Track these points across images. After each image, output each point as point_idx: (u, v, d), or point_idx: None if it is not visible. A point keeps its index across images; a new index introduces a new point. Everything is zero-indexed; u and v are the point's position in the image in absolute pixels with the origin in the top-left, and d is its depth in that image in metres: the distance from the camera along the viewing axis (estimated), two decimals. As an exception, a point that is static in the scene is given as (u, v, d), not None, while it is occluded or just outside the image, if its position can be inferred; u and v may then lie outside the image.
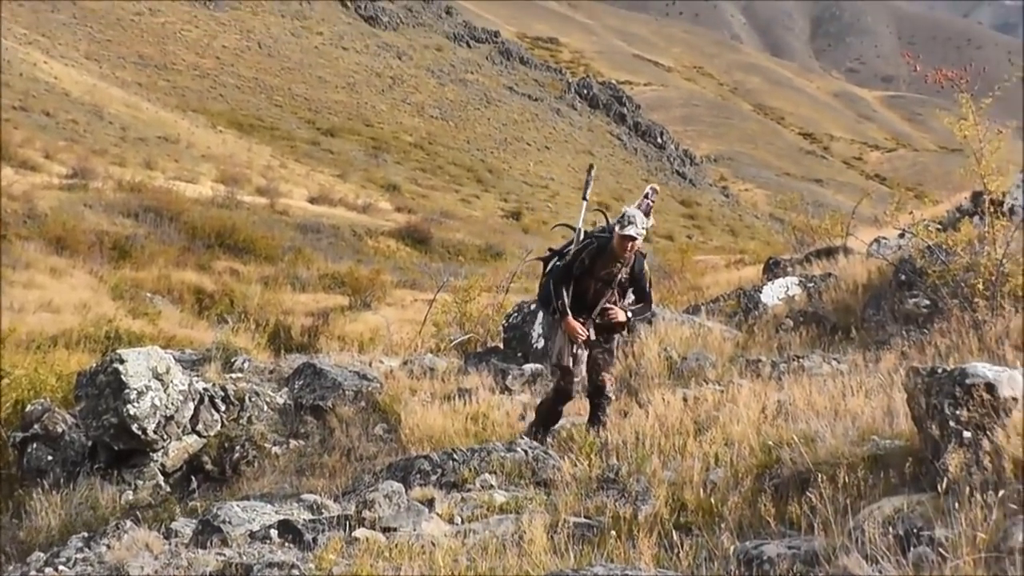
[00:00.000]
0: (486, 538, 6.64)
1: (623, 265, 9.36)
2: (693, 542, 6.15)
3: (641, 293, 9.65)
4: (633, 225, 9.07)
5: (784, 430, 7.58)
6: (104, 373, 10.19)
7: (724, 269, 31.57)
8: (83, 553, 7.28)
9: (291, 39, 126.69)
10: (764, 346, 12.77)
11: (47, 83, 70.89)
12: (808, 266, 17.23)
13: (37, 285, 25.24)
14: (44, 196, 35.58)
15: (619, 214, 9.40)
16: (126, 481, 9.81)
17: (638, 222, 9.10)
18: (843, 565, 5.05)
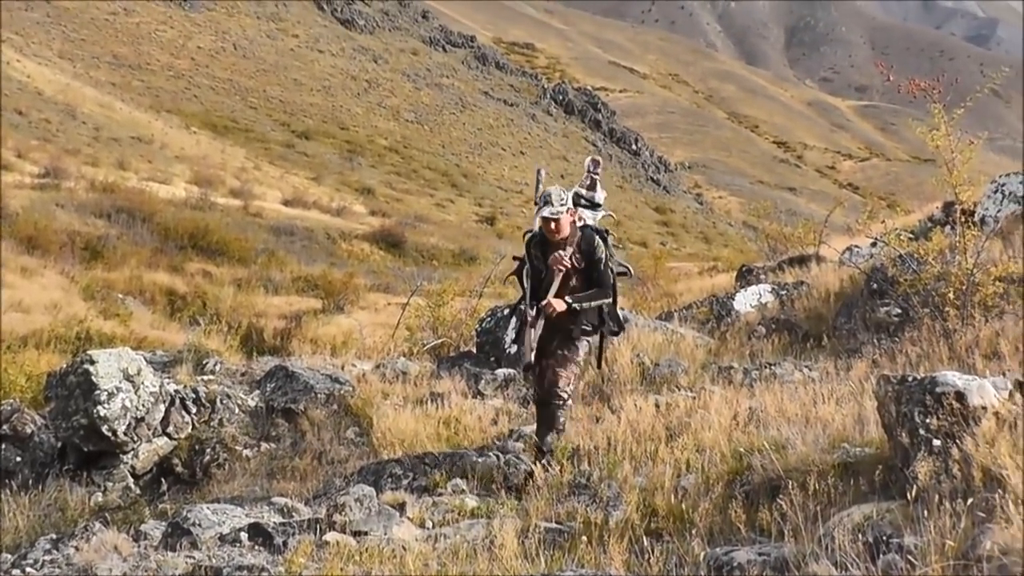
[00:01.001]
0: (457, 543, 6.63)
1: (568, 248, 8.47)
2: (664, 548, 6.16)
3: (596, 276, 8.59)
4: (548, 204, 8.32)
5: (755, 437, 7.60)
6: (74, 374, 10.14)
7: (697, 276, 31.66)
8: (51, 555, 7.23)
9: (266, 41, 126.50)
10: (736, 353, 12.81)
11: (20, 81, 70.54)
12: (781, 274, 17.30)
13: (7, 285, 25.10)
14: (16, 195, 35.40)
15: None
16: (95, 483, 9.76)
17: (554, 199, 8.32)
18: (813, 572, 5.07)
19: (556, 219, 8.33)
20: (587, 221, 8.77)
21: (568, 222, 8.44)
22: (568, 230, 8.47)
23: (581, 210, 8.80)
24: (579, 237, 8.55)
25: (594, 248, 8.52)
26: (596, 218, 8.92)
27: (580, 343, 8.70)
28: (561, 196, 8.38)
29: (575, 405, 9.48)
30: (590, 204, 9.01)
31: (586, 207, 8.93)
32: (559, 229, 8.39)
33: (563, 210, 8.31)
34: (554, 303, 8.34)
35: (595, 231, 8.68)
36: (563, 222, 8.38)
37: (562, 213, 8.31)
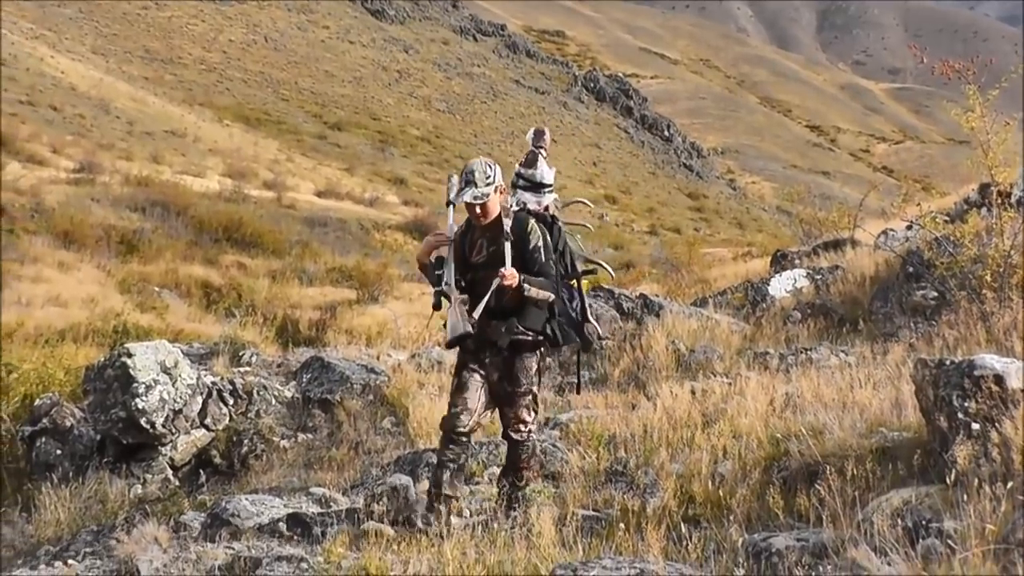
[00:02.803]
0: (494, 531, 6.65)
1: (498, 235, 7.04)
2: (701, 535, 6.16)
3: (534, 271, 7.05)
4: (471, 185, 6.95)
5: (792, 422, 7.58)
6: (112, 367, 10.20)
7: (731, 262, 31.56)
8: (92, 547, 7.30)
9: (297, 33, 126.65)
10: (772, 338, 12.77)
11: (54, 77, 70.91)
12: (815, 258, 17.23)
13: (45, 279, 25.27)
14: (51, 190, 35.59)
15: None
16: (135, 475, 9.83)
17: (477, 178, 6.95)
18: (851, 557, 5.05)
19: (482, 203, 6.98)
20: (529, 205, 7.40)
21: (496, 203, 7.08)
22: (496, 212, 7.09)
23: (522, 193, 7.47)
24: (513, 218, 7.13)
25: (527, 235, 7.08)
26: (541, 202, 7.49)
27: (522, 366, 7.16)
28: (487, 173, 6.99)
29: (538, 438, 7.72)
30: (531, 185, 7.53)
31: (526, 188, 7.51)
32: (485, 213, 7.04)
33: (489, 191, 6.96)
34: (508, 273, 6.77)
35: (534, 216, 7.29)
36: (490, 205, 7.03)
37: (488, 195, 6.96)
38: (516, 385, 7.14)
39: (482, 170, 7.01)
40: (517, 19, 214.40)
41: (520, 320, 7.07)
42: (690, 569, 5.49)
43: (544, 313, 7.13)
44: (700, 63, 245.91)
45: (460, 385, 7.13)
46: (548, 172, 7.59)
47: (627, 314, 13.60)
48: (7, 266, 24.95)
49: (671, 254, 32.88)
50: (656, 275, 30.95)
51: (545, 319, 7.13)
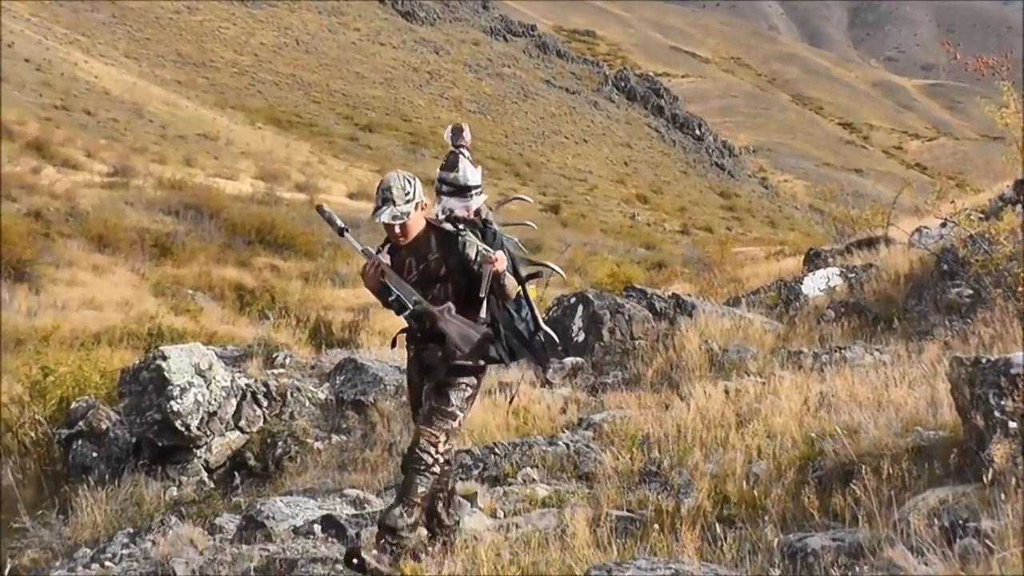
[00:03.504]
0: (529, 532, 6.65)
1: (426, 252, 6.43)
2: (736, 535, 6.14)
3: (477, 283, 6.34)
4: (388, 204, 6.22)
5: (827, 422, 7.55)
6: (147, 370, 10.26)
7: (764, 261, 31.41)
8: (129, 549, 7.34)
9: (328, 35, 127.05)
10: (805, 337, 12.71)
11: (87, 82, 71.39)
12: (849, 257, 17.13)
13: (80, 283, 25.46)
14: (86, 194, 35.82)
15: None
16: (170, 477, 9.88)
17: (395, 195, 6.20)
18: (888, 557, 5.03)
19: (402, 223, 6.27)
20: (456, 212, 6.64)
21: (418, 220, 6.36)
22: (419, 229, 6.40)
23: (448, 200, 6.71)
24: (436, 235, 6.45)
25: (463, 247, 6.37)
26: (469, 207, 6.72)
27: (455, 390, 6.37)
28: (405, 189, 6.23)
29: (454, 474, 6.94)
30: (455, 189, 6.74)
31: (451, 194, 6.73)
32: (405, 232, 6.32)
33: (409, 209, 6.22)
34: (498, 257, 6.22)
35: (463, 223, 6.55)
36: (411, 224, 6.31)
37: (409, 214, 6.23)
38: (444, 403, 6.32)
39: (400, 186, 6.23)
40: (547, 19, 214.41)
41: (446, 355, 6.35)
42: (725, 570, 5.47)
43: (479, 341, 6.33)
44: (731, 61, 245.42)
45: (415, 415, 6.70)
46: (472, 173, 6.82)
47: (660, 314, 13.58)
48: (43, 270, 25.13)
49: (703, 253, 32.78)
50: (688, 274, 30.86)
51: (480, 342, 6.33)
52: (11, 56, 69.33)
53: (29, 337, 18.24)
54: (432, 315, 6.27)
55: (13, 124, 47.70)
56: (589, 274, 32.48)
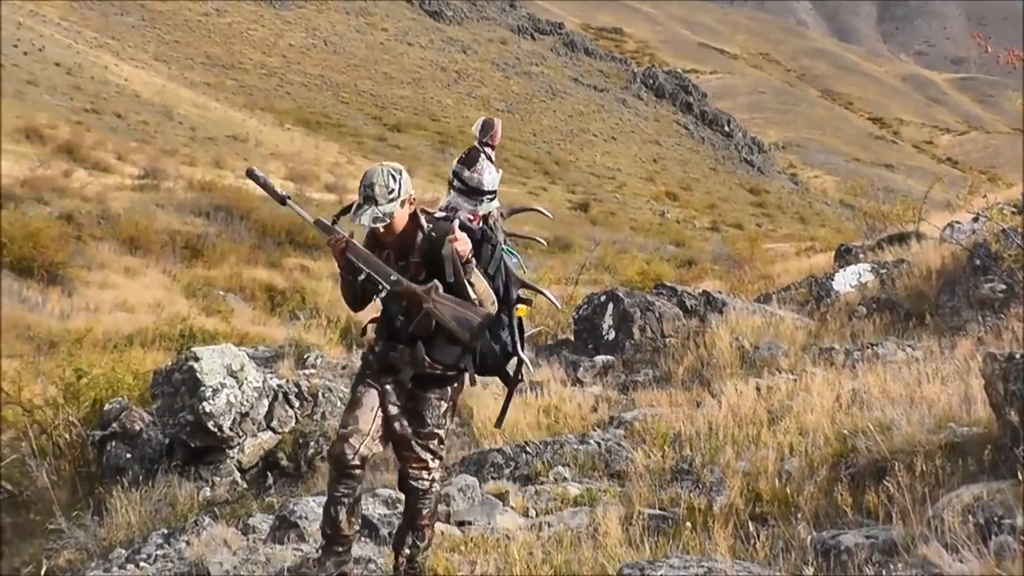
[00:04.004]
0: (561, 531, 6.66)
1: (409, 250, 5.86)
2: (769, 532, 6.13)
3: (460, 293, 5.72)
4: (370, 203, 5.66)
5: (859, 418, 7.53)
6: (180, 371, 10.30)
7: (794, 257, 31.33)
8: (163, 549, 7.38)
9: (356, 36, 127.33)
10: (837, 334, 12.67)
11: (118, 85, 71.77)
12: (880, 252, 17.07)
13: (112, 285, 25.58)
14: (117, 197, 35.98)
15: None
16: (203, 478, 9.92)
17: (377, 194, 5.63)
18: (922, 554, 5.01)
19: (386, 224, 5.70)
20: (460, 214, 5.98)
21: (404, 216, 5.79)
22: (403, 224, 5.84)
23: (456, 197, 6.08)
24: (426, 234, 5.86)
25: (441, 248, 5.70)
26: (477, 212, 6.05)
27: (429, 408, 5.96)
28: (389, 186, 5.65)
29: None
30: (467, 189, 6.08)
31: (461, 192, 6.09)
32: (389, 230, 5.76)
33: (393, 209, 5.64)
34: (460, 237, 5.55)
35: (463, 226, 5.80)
36: (394, 223, 5.74)
37: (392, 214, 5.66)
38: (419, 424, 5.93)
39: (383, 183, 5.64)
40: (575, 17, 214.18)
41: (429, 350, 5.81)
42: (758, 568, 5.46)
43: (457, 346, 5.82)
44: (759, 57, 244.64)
45: (353, 401, 5.95)
46: (491, 177, 6.12)
47: (690, 311, 13.56)
48: (75, 272, 25.27)
49: (733, 250, 32.72)
50: (718, 272, 30.82)
51: (460, 352, 5.85)
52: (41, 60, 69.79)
53: (62, 339, 18.35)
54: (415, 296, 5.63)
55: (44, 128, 48.03)
56: (619, 272, 32.44)
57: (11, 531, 9.75)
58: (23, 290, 22.88)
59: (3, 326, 19.85)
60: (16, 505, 10.24)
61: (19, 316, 20.79)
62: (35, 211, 29.60)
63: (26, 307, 21.81)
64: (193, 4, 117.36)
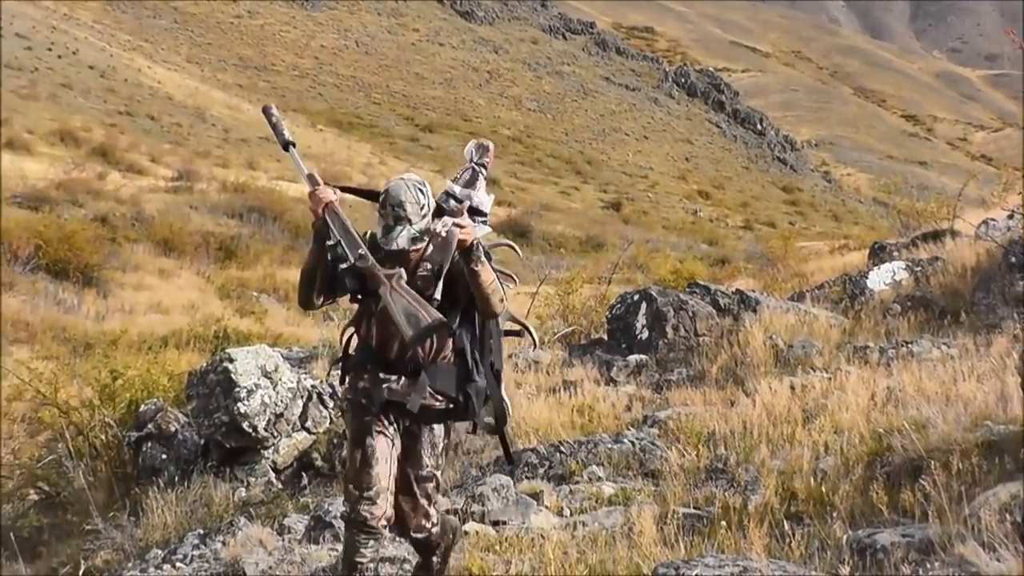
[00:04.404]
0: (595, 530, 6.65)
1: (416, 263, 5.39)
2: (805, 531, 6.11)
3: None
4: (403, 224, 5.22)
5: (894, 417, 7.49)
6: (214, 372, 10.33)
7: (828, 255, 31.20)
8: (199, 550, 7.41)
9: (388, 37, 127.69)
10: (871, 332, 12.60)
11: (151, 88, 72.23)
12: (914, 250, 16.98)
13: (146, 287, 25.76)
14: (151, 199, 36.24)
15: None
16: (238, 478, 9.94)
17: (409, 212, 5.21)
18: (959, 553, 4.98)
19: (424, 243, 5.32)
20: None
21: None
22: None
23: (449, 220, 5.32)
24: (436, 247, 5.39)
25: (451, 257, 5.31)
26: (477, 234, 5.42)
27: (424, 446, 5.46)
28: (419, 202, 5.27)
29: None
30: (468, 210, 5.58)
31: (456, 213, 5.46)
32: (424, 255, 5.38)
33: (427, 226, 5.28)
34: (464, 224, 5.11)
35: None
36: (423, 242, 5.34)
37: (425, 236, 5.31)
38: (418, 467, 5.42)
39: (414, 200, 5.24)
40: (606, 16, 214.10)
41: (431, 380, 5.32)
42: (794, 567, 5.44)
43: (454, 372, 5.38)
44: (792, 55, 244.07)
45: (366, 456, 5.31)
46: (487, 198, 5.85)
47: (723, 310, 13.51)
48: (110, 274, 25.44)
49: (766, 248, 32.61)
50: (751, 270, 30.72)
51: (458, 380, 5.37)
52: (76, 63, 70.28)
53: (98, 341, 18.47)
54: (376, 278, 5.18)
55: (79, 130, 48.39)
56: (652, 271, 32.41)
57: (49, 531, 9.81)
58: (59, 292, 23.06)
59: (40, 328, 20.02)
60: (53, 506, 10.30)
61: (55, 318, 20.95)
62: (70, 213, 29.84)
63: (62, 309, 21.97)
64: (225, 7, 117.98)
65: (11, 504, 10.91)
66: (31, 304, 21.45)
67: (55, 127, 48.19)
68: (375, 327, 5.40)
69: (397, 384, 5.34)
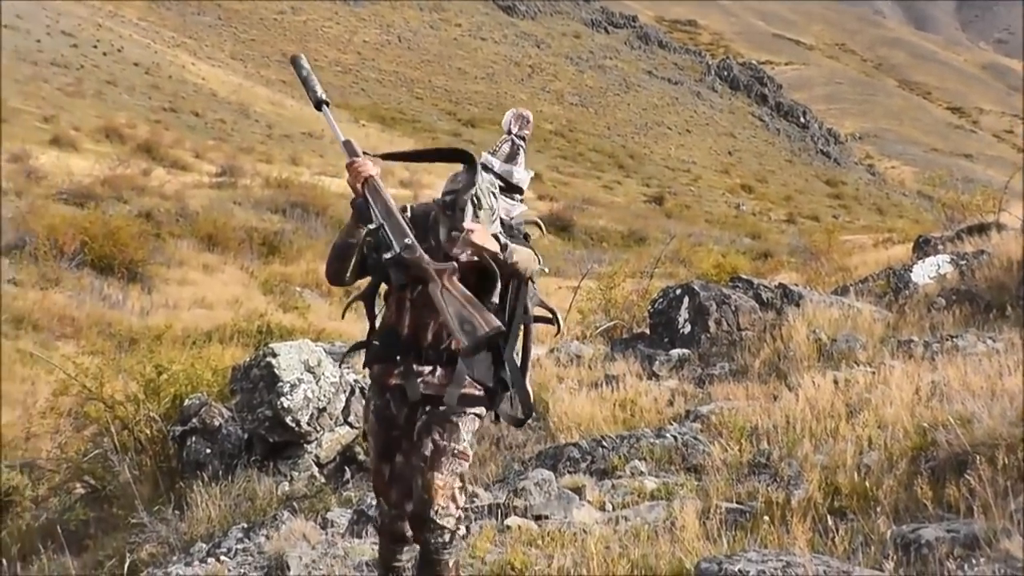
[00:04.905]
0: (637, 525, 6.64)
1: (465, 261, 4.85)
2: (848, 526, 6.08)
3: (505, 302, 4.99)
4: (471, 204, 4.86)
5: (939, 411, 7.43)
6: (258, 367, 10.37)
7: (872, 249, 31.03)
8: (243, 544, 7.45)
9: (430, 32, 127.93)
10: (916, 326, 12.52)
11: (195, 84, 72.70)
12: (959, 243, 16.85)
13: (190, 282, 25.91)
14: (195, 195, 36.47)
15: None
16: (282, 473, 9.98)
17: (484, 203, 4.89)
18: (1005, 549, 4.95)
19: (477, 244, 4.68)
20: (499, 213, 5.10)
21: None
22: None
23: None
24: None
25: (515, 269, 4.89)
26: (511, 212, 5.20)
27: (464, 421, 4.98)
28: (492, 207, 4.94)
29: None
30: (506, 187, 5.25)
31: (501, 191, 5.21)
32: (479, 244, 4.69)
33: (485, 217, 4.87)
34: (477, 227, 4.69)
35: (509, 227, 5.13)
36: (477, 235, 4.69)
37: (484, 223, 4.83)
38: (456, 440, 4.94)
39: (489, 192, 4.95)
40: (648, 10, 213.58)
41: (469, 369, 4.91)
42: (837, 562, 5.41)
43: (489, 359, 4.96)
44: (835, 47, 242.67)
45: (395, 473, 5.08)
46: (526, 174, 5.38)
47: (766, 304, 13.46)
48: (155, 270, 25.62)
49: (809, 242, 32.48)
50: (794, 264, 30.61)
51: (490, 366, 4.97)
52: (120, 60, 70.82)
53: (142, 336, 18.62)
54: (426, 272, 4.66)
55: (124, 127, 48.79)
56: (694, 265, 32.34)
57: (95, 525, 9.89)
58: (104, 288, 23.24)
59: (85, 323, 20.19)
60: (99, 500, 10.39)
61: (100, 313, 21.12)
62: (115, 210, 30.08)
63: (107, 304, 22.14)
64: (269, 3, 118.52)
65: (58, 498, 11.02)
66: (77, 300, 21.64)
67: (100, 124, 48.63)
68: (409, 312, 4.95)
69: (433, 376, 4.92)
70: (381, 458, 5.10)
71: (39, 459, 12.01)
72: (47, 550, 8.90)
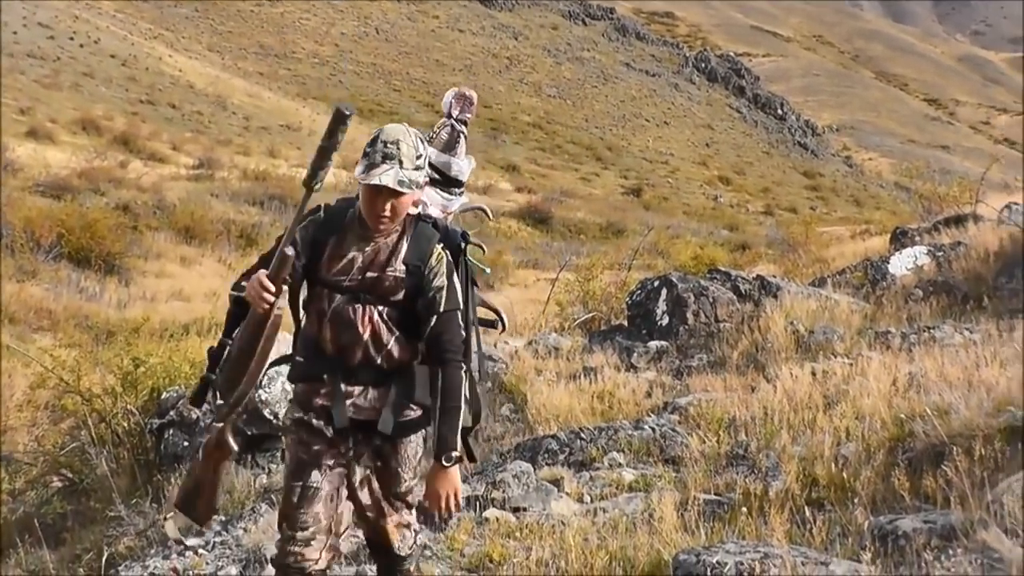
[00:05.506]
0: (616, 516, 6.64)
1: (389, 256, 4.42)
2: (826, 518, 6.09)
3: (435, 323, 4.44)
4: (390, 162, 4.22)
5: (916, 402, 7.45)
6: (235, 360, 10.34)
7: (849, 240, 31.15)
8: (221, 536, 7.43)
9: (408, 24, 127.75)
10: (893, 317, 12.55)
11: (172, 76, 72.49)
12: (936, 235, 16.91)
13: (168, 274, 25.85)
14: (172, 187, 36.41)
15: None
16: (260, 465, 9.95)
17: (403, 155, 4.23)
18: (982, 539, 4.96)
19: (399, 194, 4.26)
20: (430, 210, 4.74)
21: (409, 203, 4.39)
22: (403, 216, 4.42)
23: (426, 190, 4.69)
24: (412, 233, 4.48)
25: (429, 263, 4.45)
26: (448, 208, 4.90)
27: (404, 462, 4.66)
28: (418, 151, 4.31)
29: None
30: (441, 179, 4.90)
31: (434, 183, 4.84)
32: (394, 213, 4.34)
33: (419, 179, 4.33)
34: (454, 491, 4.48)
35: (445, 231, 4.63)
36: (404, 202, 4.34)
37: (417, 184, 4.33)
38: (396, 484, 4.66)
39: (412, 144, 4.27)
40: (626, 2, 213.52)
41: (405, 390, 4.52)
42: (815, 553, 5.42)
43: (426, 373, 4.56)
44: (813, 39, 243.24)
45: (306, 495, 4.52)
46: (467, 164, 5.02)
47: (744, 296, 13.47)
48: (132, 262, 25.54)
49: (787, 234, 32.52)
50: (772, 255, 30.69)
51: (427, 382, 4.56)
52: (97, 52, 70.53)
53: (120, 329, 18.54)
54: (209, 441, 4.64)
55: (101, 119, 48.63)
56: (672, 257, 32.40)
57: (72, 518, 9.85)
58: (81, 280, 23.16)
59: (62, 316, 20.11)
60: (76, 493, 10.35)
61: (77, 306, 21.04)
62: (92, 202, 29.96)
63: (84, 297, 22.07)
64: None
65: (35, 491, 10.97)
66: (54, 292, 21.55)
67: (77, 116, 48.45)
68: (329, 328, 4.51)
69: (364, 399, 4.48)
70: (294, 476, 4.57)
71: (16, 452, 11.95)
72: (24, 543, 8.87)
